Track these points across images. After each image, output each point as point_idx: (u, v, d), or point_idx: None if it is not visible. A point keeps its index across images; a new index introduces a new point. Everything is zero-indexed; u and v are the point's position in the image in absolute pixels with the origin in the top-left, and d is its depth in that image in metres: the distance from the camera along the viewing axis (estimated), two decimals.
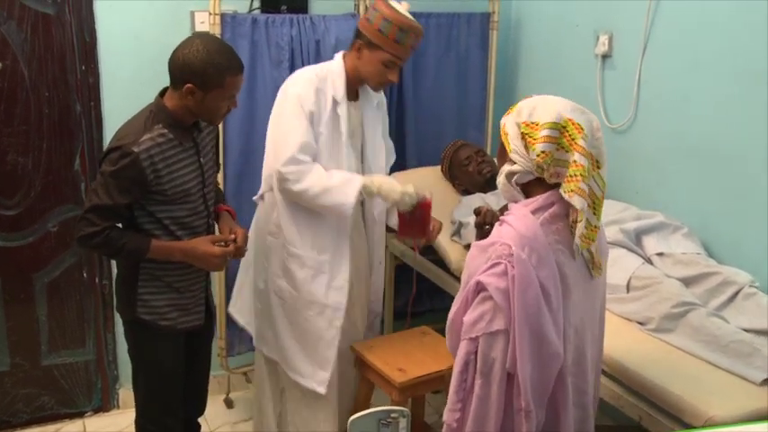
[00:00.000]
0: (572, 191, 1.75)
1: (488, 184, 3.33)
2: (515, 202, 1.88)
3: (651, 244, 2.72)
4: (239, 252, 2.47)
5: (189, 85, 2.23)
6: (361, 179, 2.65)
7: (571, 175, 1.75)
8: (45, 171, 3.15)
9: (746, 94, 2.61)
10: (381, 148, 2.88)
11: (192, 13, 3.23)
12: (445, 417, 1.85)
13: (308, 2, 3.40)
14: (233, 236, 2.45)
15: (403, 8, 2.64)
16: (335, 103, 2.66)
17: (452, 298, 3.17)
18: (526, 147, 1.78)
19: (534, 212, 1.79)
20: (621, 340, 2.39)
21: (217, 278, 3.24)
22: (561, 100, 1.83)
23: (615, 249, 2.68)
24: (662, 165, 3.00)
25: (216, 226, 2.57)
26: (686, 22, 2.84)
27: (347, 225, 2.74)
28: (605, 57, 3.24)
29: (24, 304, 3.26)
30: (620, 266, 2.62)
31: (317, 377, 2.79)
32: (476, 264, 1.82)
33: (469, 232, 2.99)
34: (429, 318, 3.43)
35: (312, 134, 2.61)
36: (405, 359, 2.78)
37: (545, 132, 1.75)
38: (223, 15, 3.10)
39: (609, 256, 2.62)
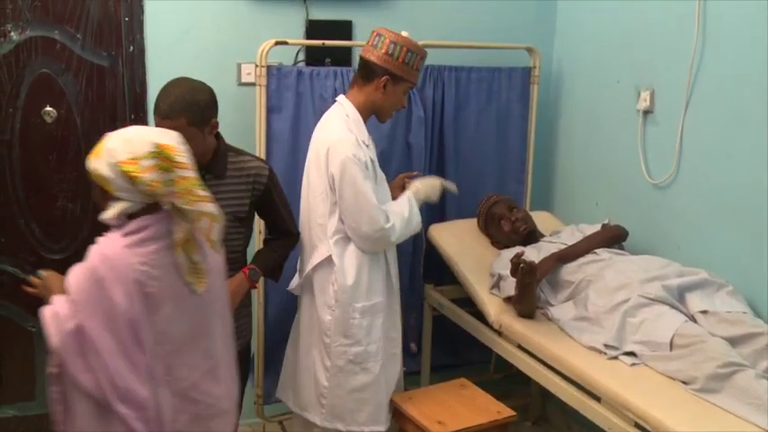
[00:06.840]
0: (193, 201, 1.92)
1: (526, 241, 3.33)
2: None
3: (695, 301, 2.68)
4: None
5: None
6: (410, 196, 2.85)
7: (183, 190, 1.91)
8: (92, 216, 3.20)
9: None
10: None
11: (239, 65, 3.33)
12: None
13: (352, 55, 3.48)
14: None
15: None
16: (367, 146, 2.75)
17: (490, 350, 3.16)
18: (132, 182, 1.89)
19: (126, 236, 1.93)
20: (665, 399, 2.35)
21: (256, 329, 3.25)
22: (144, 128, 2.11)
23: (657, 306, 2.65)
24: (705, 221, 2.97)
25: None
26: (729, 77, 2.85)
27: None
28: (647, 112, 3.24)
29: None
30: (662, 324, 2.58)
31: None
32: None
33: (509, 285, 2.98)
34: (467, 370, 3.41)
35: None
36: (443, 411, 2.76)
37: (147, 163, 1.89)
38: (269, 67, 3.18)
39: (652, 312, 2.62)
